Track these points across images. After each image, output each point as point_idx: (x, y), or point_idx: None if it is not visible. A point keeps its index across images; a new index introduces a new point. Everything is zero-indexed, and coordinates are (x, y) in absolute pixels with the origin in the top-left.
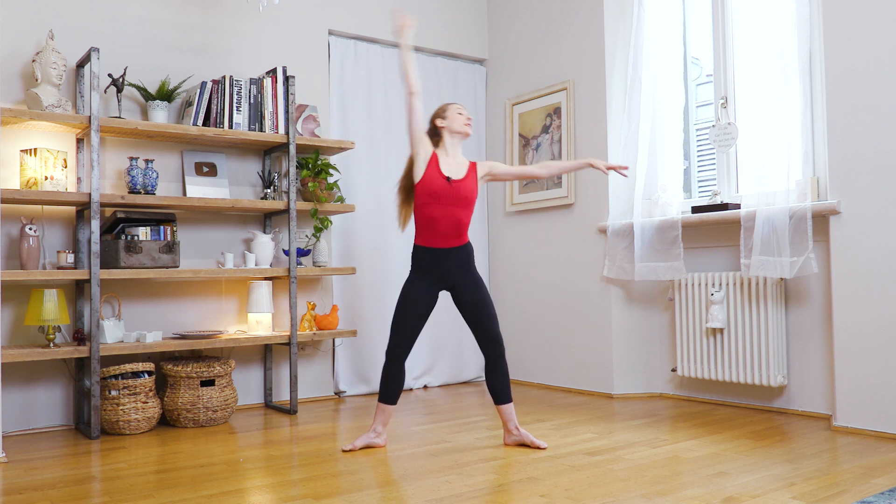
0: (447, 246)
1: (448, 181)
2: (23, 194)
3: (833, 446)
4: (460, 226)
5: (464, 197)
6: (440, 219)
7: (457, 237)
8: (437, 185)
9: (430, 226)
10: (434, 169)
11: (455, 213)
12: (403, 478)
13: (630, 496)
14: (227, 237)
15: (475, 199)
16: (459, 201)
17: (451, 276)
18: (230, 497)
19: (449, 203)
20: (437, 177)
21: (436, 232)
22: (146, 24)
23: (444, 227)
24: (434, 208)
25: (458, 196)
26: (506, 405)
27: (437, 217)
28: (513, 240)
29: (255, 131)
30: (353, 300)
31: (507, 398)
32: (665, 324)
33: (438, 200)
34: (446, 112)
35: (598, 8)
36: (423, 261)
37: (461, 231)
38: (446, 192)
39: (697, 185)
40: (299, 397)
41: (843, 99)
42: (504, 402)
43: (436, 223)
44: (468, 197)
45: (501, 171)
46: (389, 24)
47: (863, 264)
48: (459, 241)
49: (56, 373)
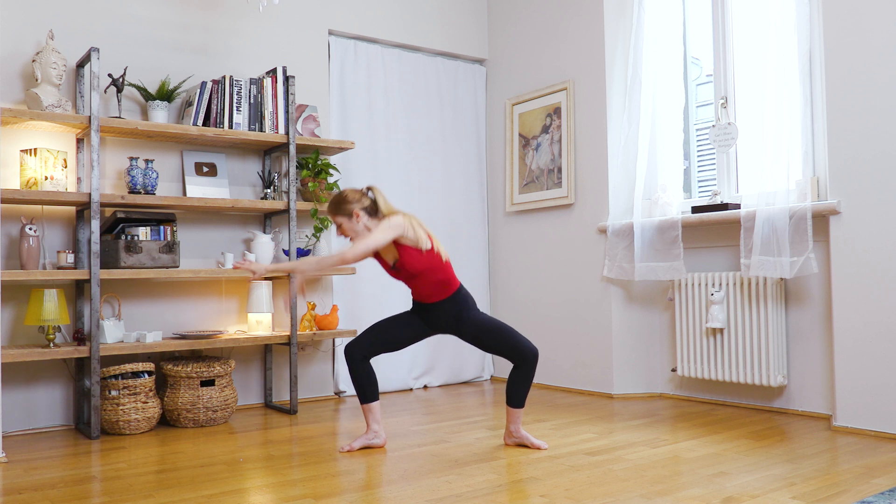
0: (435, 301)
1: (393, 268)
2: (23, 194)
3: (833, 446)
4: (436, 285)
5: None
6: (415, 287)
7: (439, 293)
8: (391, 274)
9: (410, 288)
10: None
11: (423, 282)
12: (403, 478)
13: (630, 496)
14: (227, 237)
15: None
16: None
17: (444, 325)
18: (230, 497)
19: (410, 277)
20: (385, 266)
21: (417, 293)
22: (146, 24)
23: (422, 291)
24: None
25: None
26: (516, 409)
27: (412, 287)
28: (513, 240)
29: (255, 131)
30: (353, 300)
31: (520, 403)
32: (665, 324)
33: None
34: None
35: (598, 8)
36: (417, 310)
37: (441, 289)
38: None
39: (697, 185)
40: (299, 397)
41: (843, 99)
42: (516, 406)
43: (412, 288)
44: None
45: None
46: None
47: (863, 264)
48: (445, 295)
49: (56, 373)
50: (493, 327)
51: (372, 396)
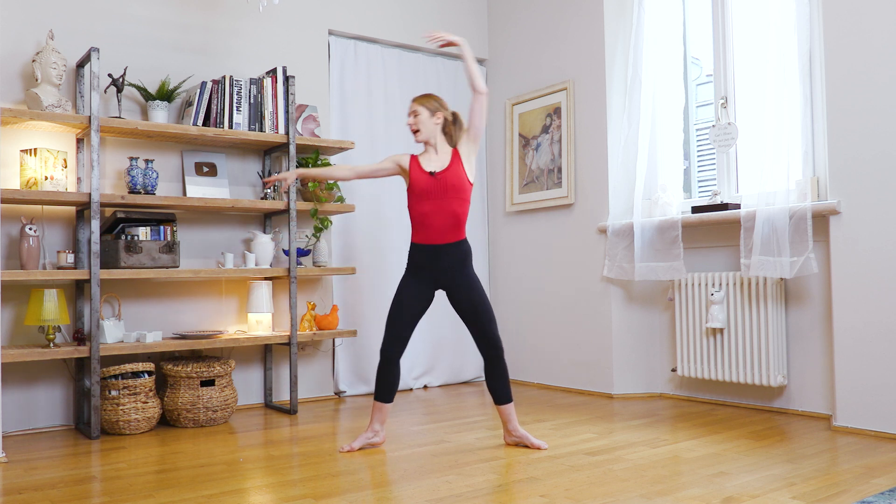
0: (442, 242)
1: (431, 175)
2: (23, 194)
3: (833, 446)
4: (454, 218)
5: (452, 186)
6: (431, 213)
7: (452, 232)
8: (422, 180)
9: (423, 222)
10: (416, 167)
11: (447, 206)
12: (403, 478)
13: (630, 496)
14: (227, 237)
15: (466, 186)
16: (448, 192)
17: (445, 274)
18: (230, 497)
19: (438, 196)
20: (420, 173)
21: (430, 228)
22: (146, 24)
23: (437, 222)
24: (424, 204)
25: (447, 187)
26: (506, 405)
27: (428, 211)
28: (513, 240)
29: (255, 131)
30: (353, 300)
31: (506, 398)
32: (665, 324)
33: (427, 196)
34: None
35: (598, 8)
36: (418, 258)
37: (456, 225)
38: (433, 186)
39: (697, 185)
40: (299, 397)
41: (843, 99)
42: (504, 403)
43: (428, 218)
44: (456, 185)
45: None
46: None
47: (863, 264)
48: (455, 237)
49: (56, 373)
50: (485, 305)
51: (389, 398)
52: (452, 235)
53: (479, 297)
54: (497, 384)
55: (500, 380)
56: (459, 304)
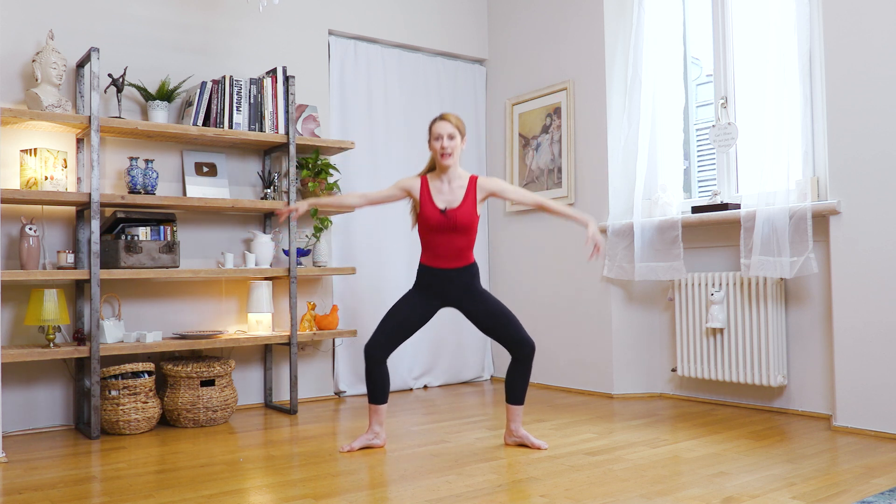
0: (451, 267)
1: (442, 213)
2: (23, 194)
3: (833, 446)
4: (460, 251)
5: (461, 225)
6: (439, 245)
7: (460, 258)
8: (433, 217)
9: (431, 249)
10: (427, 200)
11: (455, 240)
12: (403, 478)
13: (630, 496)
14: (227, 237)
15: (475, 224)
16: (458, 229)
17: (452, 294)
18: (230, 497)
19: (447, 232)
20: (432, 209)
21: (438, 255)
22: (146, 24)
23: (443, 252)
24: (433, 237)
25: (456, 225)
26: (516, 406)
27: (437, 244)
28: (513, 240)
29: (255, 131)
30: (353, 300)
31: (519, 400)
32: (665, 324)
33: (437, 231)
34: (430, 134)
35: (598, 8)
36: (427, 279)
37: (462, 255)
38: (443, 224)
39: (697, 185)
40: (299, 397)
41: (843, 99)
42: (517, 403)
43: (436, 248)
44: (465, 225)
45: (510, 196)
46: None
47: (863, 264)
48: (464, 262)
49: (56, 373)
50: (500, 310)
51: (382, 399)
52: (461, 261)
53: (494, 304)
54: (517, 382)
55: (521, 379)
56: (476, 316)
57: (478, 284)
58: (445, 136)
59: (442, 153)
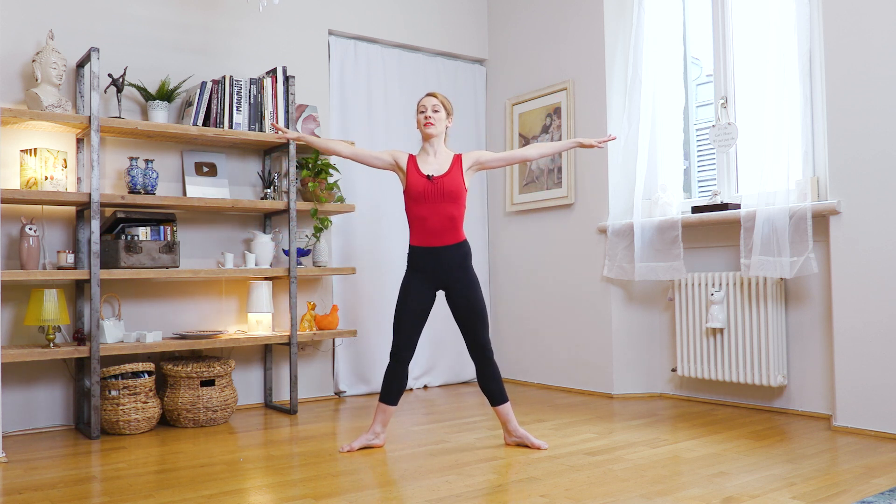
0: (441, 244)
1: (429, 179)
2: (23, 194)
3: (833, 446)
4: (451, 221)
5: (448, 192)
6: (428, 216)
7: (450, 234)
8: (419, 184)
9: (420, 225)
10: (413, 169)
11: (443, 209)
12: (403, 478)
13: (630, 496)
14: (227, 237)
15: (462, 192)
16: (445, 197)
17: (445, 274)
18: (230, 497)
19: (435, 200)
20: (418, 177)
21: (428, 231)
22: (146, 24)
23: (434, 225)
24: (421, 207)
25: (443, 192)
26: (502, 406)
27: (426, 215)
28: (513, 240)
29: (255, 131)
30: (353, 300)
31: (502, 399)
32: (665, 324)
33: (424, 199)
34: (417, 109)
35: (598, 8)
36: (418, 260)
37: (453, 227)
38: (430, 191)
39: (697, 185)
40: (299, 397)
41: (843, 99)
42: (500, 403)
43: (425, 221)
44: (453, 191)
45: (488, 158)
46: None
47: (863, 264)
48: (453, 239)
49: (56, 373)
50: (480, 310)
51: (394, 400)
52: (451, 238)
53: (476, 296)
54: (491, 385)
55: (492, 381)
56: (456, 302)
57: (470, 265)
58: (430, 108)
59: (426, 122)
